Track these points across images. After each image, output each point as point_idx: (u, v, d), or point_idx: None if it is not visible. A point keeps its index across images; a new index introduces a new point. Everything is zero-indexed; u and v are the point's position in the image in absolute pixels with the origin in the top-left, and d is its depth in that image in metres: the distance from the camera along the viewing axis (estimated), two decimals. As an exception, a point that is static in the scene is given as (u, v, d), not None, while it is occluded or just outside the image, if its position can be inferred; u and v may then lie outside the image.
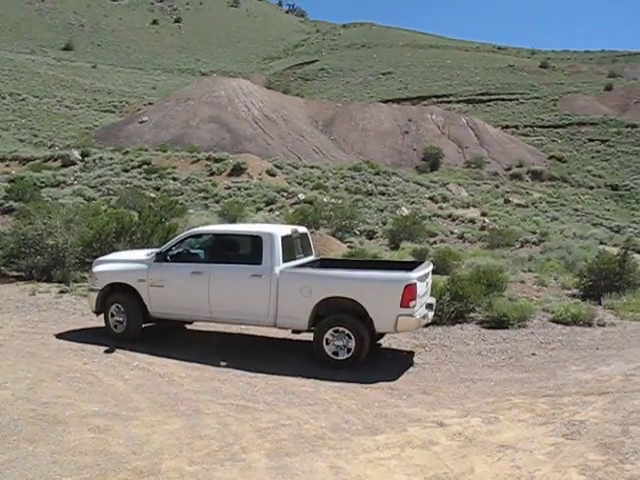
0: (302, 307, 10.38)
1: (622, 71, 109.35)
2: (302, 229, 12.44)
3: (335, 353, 10.29)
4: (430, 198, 39.51)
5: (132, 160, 40.42)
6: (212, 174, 39.37)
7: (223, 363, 10.43)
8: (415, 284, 9.96)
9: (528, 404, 8.63)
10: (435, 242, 26.96)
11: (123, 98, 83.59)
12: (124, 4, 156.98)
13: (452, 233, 29.00)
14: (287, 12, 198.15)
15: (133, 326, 11.55)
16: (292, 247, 11.38)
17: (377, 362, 10.74)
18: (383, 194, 39.28)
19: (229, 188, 36.44)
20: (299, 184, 39.27)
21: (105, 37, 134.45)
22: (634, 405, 8.48)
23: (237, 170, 39.57)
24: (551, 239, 27.16)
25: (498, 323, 13.11)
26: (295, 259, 11.38)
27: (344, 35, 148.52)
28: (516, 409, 8.37)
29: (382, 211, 34.08)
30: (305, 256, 11.94)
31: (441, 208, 36.43)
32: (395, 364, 10.84)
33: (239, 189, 36.13)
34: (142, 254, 12.06)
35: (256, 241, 10.90)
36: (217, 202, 33.46)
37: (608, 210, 52.44)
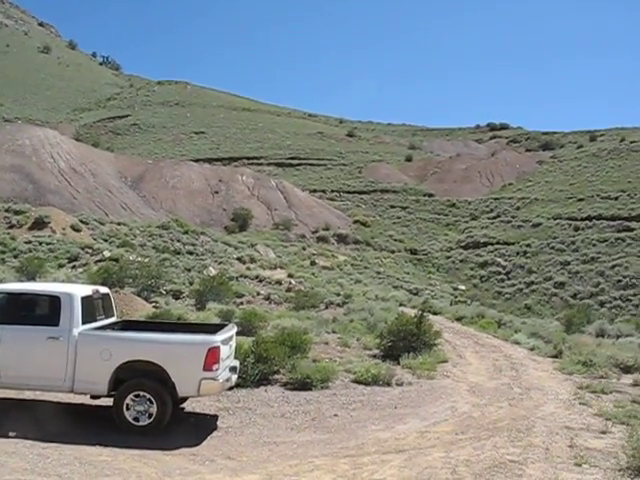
0: (101, 371, 9.92)
1: (421, 144, 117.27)
2: (104, 289, 11.97)
3: (136, 419, 9.89)
4: (238, 259, 39.70)
5: None
6: (11, 227, 37.23)
7: (12, 434, 9.63)
8: (218, 347, 9.86)
9: (330, 465, 8.73)
10: (242, 303, 27.01)
11: None
12: None
13: (259, 294, 29.22)
14: (101, 64, 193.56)
15: None
16: (93, 308, 10.90)
17: (180, 427, 10.41)
18: (191, 253, 38.96)
19: (29, 242, 34.60)
20: (105, 241, 38.05)
21: None
22: (427, 461, 8.87)
23: (39, 223, 37.72)
24: (354, 301, 28.10)
25: (302, 385, 13.24)
26: (96, 320, 10.91)
27: (158, 91, 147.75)
28: (318, 471, 8.44)
29: (189, 271, 33.73)
30: (106, 317, 11.47)
31: (249, 269, 36.70)
32: (198, 428, 10.60)
33: (40, 244, 34.41)
34: None
35: (54, 301, 10.34)
36: (15, 257, 31.58)
37: (408, 273, 55.23)
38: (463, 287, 53.77)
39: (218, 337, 10.06)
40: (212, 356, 9.74)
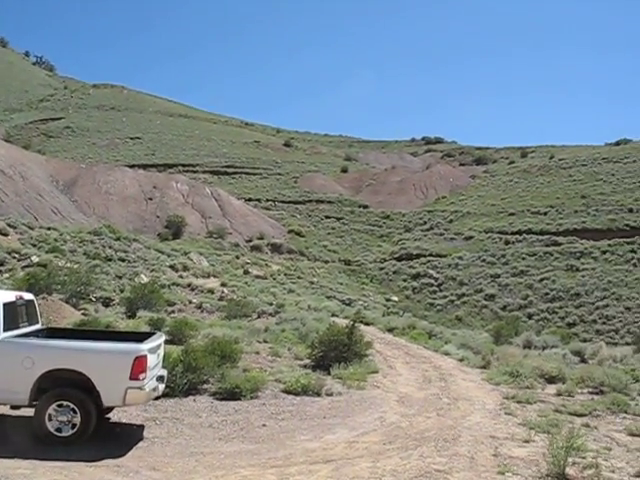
0: (23, 380, 9.61)
1: (356, 156, 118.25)
2: (28, 295, 11.63)
3: (58, 429, 9.61)
4: (171, 266, 39.21)
5: None
6: None
7: None
8: (146, 356, 9.70)
9: (257, 476, 8.68)
10: (173, 311, 26.69)
11: None
12: None
13: (191, 302, 28.92)
14: (34, 64, 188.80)
15: None
16: (15, 315, 10.57)
17: (105, 438, 10.18)
18: (123, 260, 38.26)
19: (-48, 247, 33.40)
20: (34, 246, 37.01)
21: None
22: (355, 471, 8.89)
23: (-38, 228, 36.50)
24: (287, 310, 28.07)
25: (231, 394, 13.14)
26: (18, 328, 10.58)
27: (94, 95, 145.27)
28: (244, 482, 8.37)
29: (121, 278, 33.13)
30: (30, 325, 11.14)
31: (181, 277, 36.29)
32: (123, 439, 10.39)
33: (-37, 249, 33.23)
34: None
35: (-26, 308, 9.99)
36: None
37: (341, 284, 55.46)
38: (396, 298, 54.30)
39: (145, 346, 9.89)
40: (139, 365, 9.57)
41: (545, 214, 66.25)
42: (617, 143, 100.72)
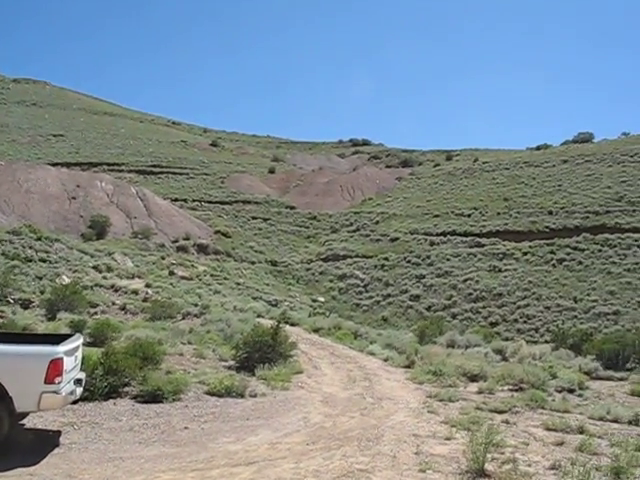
0: None
1: (284, 157, 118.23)
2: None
3: (-33, 437, 9.21)
4: (94, 267, 38.34)
5: None
6: None
7: None
8: (62, 359, 9.37)
9: (177, 479, 8.53)
10: (96, 313, 26.07)
11: None
12: None
13: (114, 304, 28.31)
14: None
15: None
16: None
17: (18, 445, 9.78)
18: (44, 261, 37.19)
19: None
20: (-53, 246, 35.67)
21: None
22: (277, 472, 8.84)
23: None
24: (212, 312, 27.76)
25: (152, 397, 12.88)
26: None
27: (14, 90, 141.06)
28: (163, 486, 8.20)
29: (41, 279, 32.18)
30: (-61, 327, 10.68)
31: (105, 278, 35.51)
32: (38, 446, 10.02)
33: None
34: None
35: None
36: None
37: (267, 285, 55.28)
38: (322, 299, 54.48)
39: (61, 348, 9.56)
40: (54, 368, 9.25)
41: (469, 216, 67.57)
42: (538, 148, 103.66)
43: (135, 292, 32.03)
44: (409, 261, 59.66)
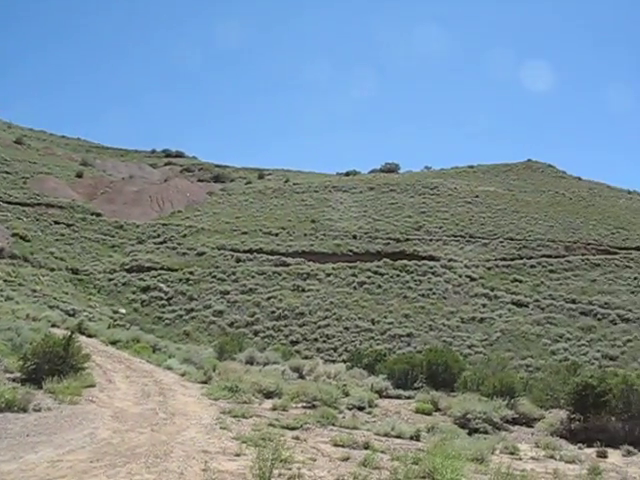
0: None
1: (94, 161, 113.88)
2: None
3: None
4: None
5: None
6: None
7: None
8: None
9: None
10: None
11: None
12: None
13: None
14: None
15: None
16: None
17: None
18: None
19: None
20: None
21: None
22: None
23: None
24: (1, 319, 26.13)
25: None
26: None
27: None
28: None
29: None
30: None
31: None
32: None
33: None
34: None
35: None
36: None
37: (67, 293, 52.84)
38: (124, 310, 52.92)
39: None
40: None
41: (276, 235, 68.62)
42: (347, 174, 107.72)
43: None
44: (214, 276, 59.45)
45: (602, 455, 15.76)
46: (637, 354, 46.16)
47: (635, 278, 59.68)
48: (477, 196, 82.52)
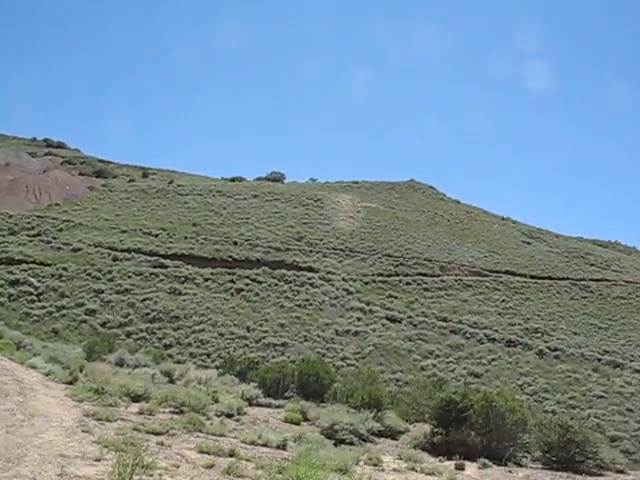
0: None
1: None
2: None
3: None
4: None
5: None
6: None
7: None
8: None
9: None
10: None
11: None
12: None
13: None
14: None
15: None
16: None
17: None
18: None
19: None
20: None
21: None
22: None
23: None
24: None
25: None
26: None
27: None
28: None
29: None
30: None
31: None
32: None
33: None
34: None
35: None
36: None
37: None
38: (-11, 305, 50.48)
39: None
40: None
41: (156, 236, 67.39)
42: (232, 179, 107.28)
43: None
44: (89, 274, 57.63)
45: (460, 467, 16.31)
46: (500, 372, 48.32)
47: (503, 300, 62.59)
48: (359, 211, 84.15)
